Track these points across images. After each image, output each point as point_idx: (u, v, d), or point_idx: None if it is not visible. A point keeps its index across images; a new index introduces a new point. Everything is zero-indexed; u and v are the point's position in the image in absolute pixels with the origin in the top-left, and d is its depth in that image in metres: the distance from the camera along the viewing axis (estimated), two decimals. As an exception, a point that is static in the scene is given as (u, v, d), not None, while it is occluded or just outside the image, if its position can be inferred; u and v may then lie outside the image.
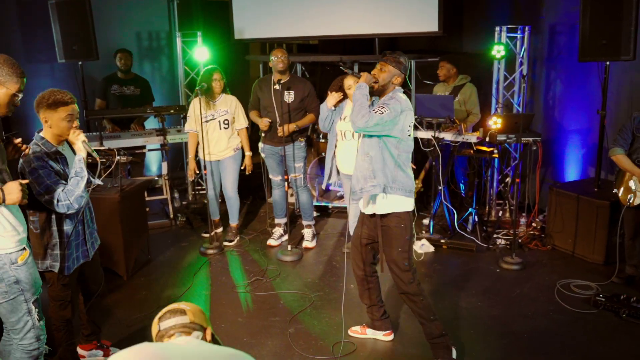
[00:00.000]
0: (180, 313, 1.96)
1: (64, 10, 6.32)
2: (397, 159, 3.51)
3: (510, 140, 5.39)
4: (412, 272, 3.64)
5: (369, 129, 3.40)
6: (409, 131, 3.54)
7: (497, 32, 6.11)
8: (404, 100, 3.52)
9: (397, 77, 3.57)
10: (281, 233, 5.83)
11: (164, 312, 1.98)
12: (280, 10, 7.05)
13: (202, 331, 1.97)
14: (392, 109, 3.40)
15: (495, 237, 5.63)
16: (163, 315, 1.96)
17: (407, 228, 3.58)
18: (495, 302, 4.50)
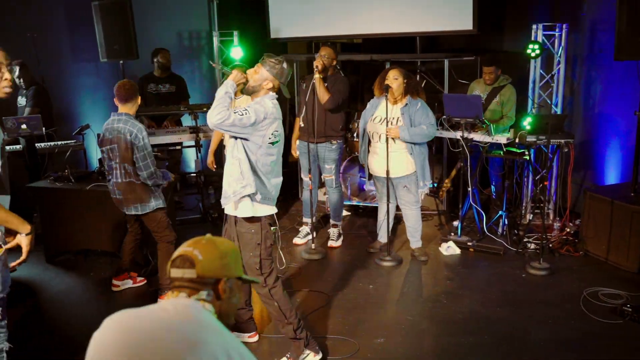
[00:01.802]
0: (189, 264, 1.75)
1: (106, 11, 6.55)
2: (254, 165, 3.41)
3: (540, 141, 5.22)
4: (266, 277, 3.56)
5: (224, 128, 3.27)
6: (271, 139, 3.40)
7: (533, 30, 5.94)
8: (272, 107, 3.40)
9: (269, 82, 3.45)
10: (307, 232, 5.85)
11: (176, 255, 1.79)
12: (316, 9, 7.07)
13: (212, 287, 1.77)
14: (253, 113, 3.30)
15: (525, 241, 5.47)
16: (174, 260, 1.78)
17: (257, 234, 3.49)
18: (516, 308, 4.37)
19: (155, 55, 6.77)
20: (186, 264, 1.75)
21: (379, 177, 5.20)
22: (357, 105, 7.58)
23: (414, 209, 5.21)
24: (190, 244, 1.80)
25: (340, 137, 5.55)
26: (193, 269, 1.74)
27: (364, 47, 8.54)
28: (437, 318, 4.25)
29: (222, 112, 3.24)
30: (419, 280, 4.92)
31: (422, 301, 4.53)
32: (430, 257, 5.35)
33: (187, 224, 6.28)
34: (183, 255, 1.76)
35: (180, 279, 1.75)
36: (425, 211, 6.43)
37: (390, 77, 4.94)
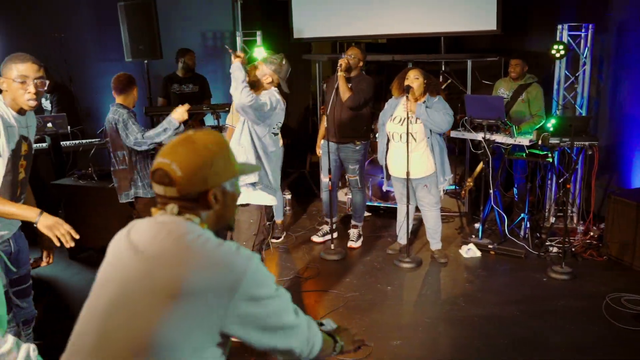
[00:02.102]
0: (167, 180, 1.54)
1: (132, 11, 6.64)
2: (259, 152, 3.69)
3: (564, 144, 5.14)
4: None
5: (251, 109, 3.58)
6: (274, 129, 3.77)
7: (558, 31, 5.85)
8: (276, 100, 3.72)
9: (268, 77, 3.76)
10: (327, 231, 5.85)
11: (155, 166, 1.57)
12: (339, 9, 7.07)
13: (198, 199, 1.57)
14: (268, 100, 3.65)
15: (547, 244, 5.39)
16: (154, 173, 1.58)
17: (255, 224, 3.67)
18: (535, 313, 4.31)
19: (182, 55, 6.81)
20: (165, 179, 1.55)
21: (399, 178, 5.18)
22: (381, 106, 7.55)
23: (434, 210, 5.17)
24: (168, 152, 1.56)
25: (365, 138, 5.53)
26: (173, 187, 1.55)
27: (388, 47, 8.53)
28: (454, 321, 4.22)
29: (250, 94, 3.55)
30: (438, 283, 4.89)
31: (440, 303, 4.49)
32: (450, 259, 5.31)
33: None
34: (161, 168, 1.55)
35: (163, 196, 1.58)
36: (447, 213, 6.38)
37: (411, 77, 4.92)
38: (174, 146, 1.57)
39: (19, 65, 2.74)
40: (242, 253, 1.51)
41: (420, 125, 4.88)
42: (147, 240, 1.55)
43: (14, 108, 2.81)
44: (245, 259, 1.50)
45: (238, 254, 1.51)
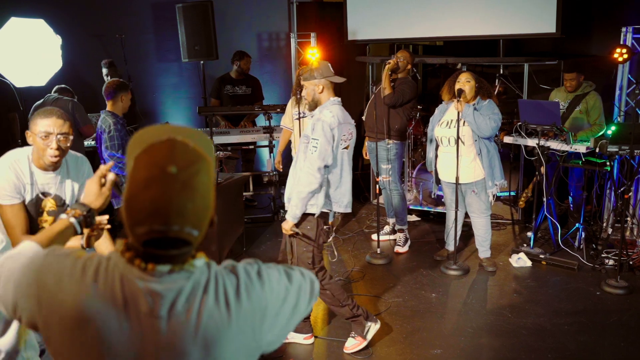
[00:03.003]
0: (182, 244, 1.25)
1: (189, 12, 6.78)
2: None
3: (623, 152, 4.91)
4: (317, 270, 3.75)
5: (318, 179, 3.59)
6: (342, 144, 3.64)
7: (622, 33, 5.60)
8: (330, 116, 3.54)
9: (319, 86, 3.61)
10: (387, 231, 5.82)
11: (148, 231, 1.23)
12: (395, 11, 6.99)
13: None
14: (322, 136, 3.50)
15: (603, 256, 5.17)
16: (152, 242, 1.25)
17: (312, 230, 3.66)
18: (586, 328, 4.14)
19: (238, 58, 6.88)
20: (176, 247, 1.25)
21: (448, 183, 5.09)
22: (432, 110, 7.45)
23: (484, 217, 5.05)
24: (172, 216, 1.21)
25: (397, 138, 5.51)
26: (188, 248, 1.27)
27: (445, 50, 8.40)
28: (499, 332, 4.10)
29: (311, 181, 3.53)
30: (484, 292, 4.77)
31: (485, 313, 4.38)
32: (498, 268, 5.17)
33: (258, 222, 6.40)
34: (164, 236, 1.23)
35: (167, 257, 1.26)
36: (498, 219, 6.22)
37: (463, 80, 4.82)
38: (173, 204, 1.21)
39: (44, 120, 2.71)
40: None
41: (469, 129, 4.78)
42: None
43: (38, 164, 2.80)
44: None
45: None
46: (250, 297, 1.33)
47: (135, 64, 7.25)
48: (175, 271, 1.27)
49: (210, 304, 1.28)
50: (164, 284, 1.25)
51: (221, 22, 6.98)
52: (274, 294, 1.38)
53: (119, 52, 7.00)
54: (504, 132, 5.64)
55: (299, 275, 1.48)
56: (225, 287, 1.31)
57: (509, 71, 7.00)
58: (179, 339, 1.26)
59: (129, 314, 1.25)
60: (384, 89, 5.33)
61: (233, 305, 1.30)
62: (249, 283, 1.35)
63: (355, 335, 3.86)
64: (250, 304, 1.33)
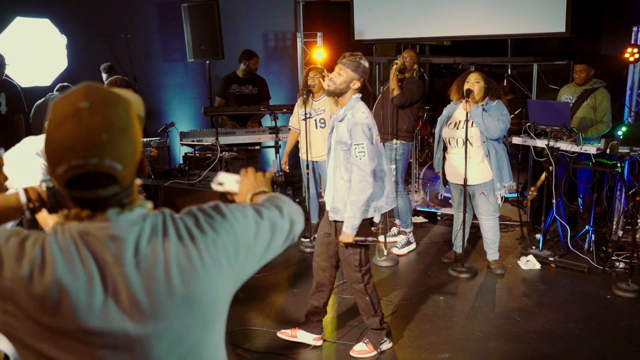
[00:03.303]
0: (105, 183, 1.20)
1: (195, 12, 6.77)
2: (375, 170, 3.60)
3: (634, 153, 4.84)
4: (363, 274, 3.69)
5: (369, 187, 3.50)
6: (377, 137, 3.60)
7: (633, 33, 5.53)
8: (364, 115, 3.47)
9: (356, 82, 3.45)
10: (394, 233, 5.77)
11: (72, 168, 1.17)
12: (402, 10, 6.94)
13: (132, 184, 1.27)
14: (364, 138, 3.42)
15: (614, 259, 5.10)
16: (72, 180, 1.19)
17: (359, 234, 3.55)
18: (597, 332, 4.08)
19: (247, 58, 6.81)
20: (100, 182, 1.19)
21: (456, 184, 5.04)
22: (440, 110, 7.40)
23: (492, 219, 4.99)
24: (88, 148, 1.15)
25: (404, 139, 5.47)
26: (115, 185, 1.21)
27: (452, 50, 8.34)
28: (508, 336, 4.04)
29: (365, 187, 3.43)
30: (493, 295, 4.70)
31: (494, 317, 4.32)
32: (507, 270, 5.10)
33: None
34: (84, 172, 1.17)
35: (93, 200, 1.21)
36: (507, 221, 6.16)
37: (472, 80, 4.76)
38: (88, 136, 1.16)
39: None
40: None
41: (477, 130, 4.72)
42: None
43: None
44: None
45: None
46: (214, 229, 1.30)
47: (140, 63, 7.22)
48: (126, 211, 1.24)
49: (174, 241, 1.24)
50: (121, 227, 1.22)
51: (227, 21, 6.95)
52: (242, 226, 1.35)
53: (124, 52, 6.97)
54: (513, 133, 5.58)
55: (276, 213, 1.45)
56: (185, 224, 1.28)
57: (517, 71, 6.94)
58: (152, 281, 1.21)
59: (98, 274, 1.19)
60: (392, 89, 5.29)
61: (199, 238, 1.27)
62: (208, 218, 1.31)
63: (368, 342, 3.79)
64: (217, 235, 1.29)
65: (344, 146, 3.50)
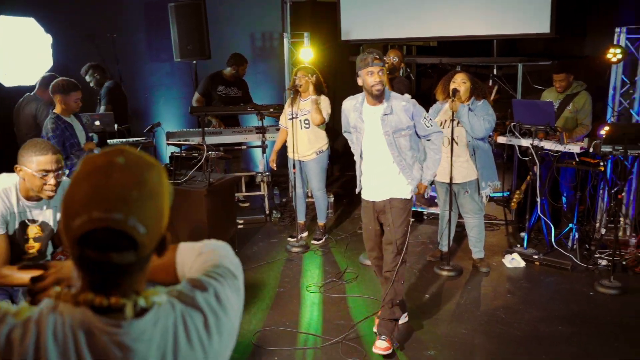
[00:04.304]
0: (125, 244, 1.09)
1: (182, 12, 6.75)
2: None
3: (617, 152, 4.90)
4: (403, 259, 3.87)
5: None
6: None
7: (616, 34, 5.59)
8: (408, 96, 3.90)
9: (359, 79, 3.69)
10: None
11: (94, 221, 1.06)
12: (389, 11, 6.99)
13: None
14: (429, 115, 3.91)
15: (596, 256, 5.16)
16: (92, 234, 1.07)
17: (410, 214, 3.95)
18: (580, 328, 4.12)
19: (238, 64, 6.76)
20: (119, 244, 1.08)
21: (441, 183, 5.07)
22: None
23: (477, 217, 5.03)
24: (113, 203, 1.07)
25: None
26: (133, 251, 1.10)
27: (438, 50, 8.38)
28: (493, 334, 4.07)
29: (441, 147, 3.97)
30: (478, 293, 4.74)
31: (479, 315, 4.35)
32: (492, 268, 5.15)
33: (250, 224, 6.35)
34: (103, 228, 1.06)
35: (111, 267, 1.09)
36: (492, 220, 6.20)
37: (458, 81, 4.80)
38: (115, 190, 1.08)
39: (40, 158, 2.70)
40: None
41: (463, 129, 4.76)
42: None
43: (26, 194, 2.83)
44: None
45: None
46: (220, 332, 1.23)
47: (127, 63, 7.19)
48: (141, 317, 1.12)
49: (184, 348, 1.17)
50: (132, 335, 1.11)
51: (214, 21, 6.95)
52: (237, 314, 1.31)
53: (110, 51, 6.93)
54: (497, 133, 5.62)
55: (240, 280, 1.40)
56: (196, 327, 1.19)
57: (503, 72, 7.00)
58: None
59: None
60: None
61: (206, 343, 1.20)
62: (215, 318, 1.23)
63: (386, 337, 3.81)
64: (221, 337, 1.23)
65: (404, 131, 3.74)
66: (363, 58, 3.66)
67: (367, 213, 4.00)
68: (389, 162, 3.79)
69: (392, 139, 3.74)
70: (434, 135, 3.85)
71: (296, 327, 4.17)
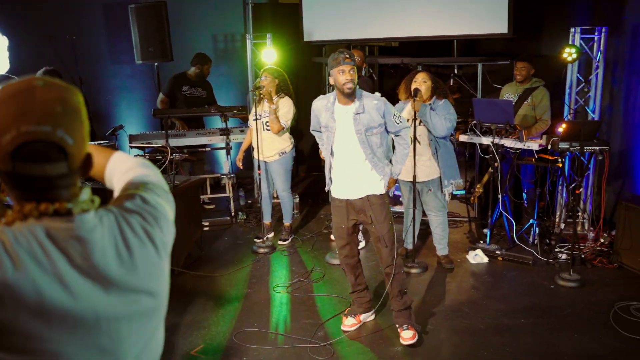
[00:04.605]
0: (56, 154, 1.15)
1: (142, 14, 6.68)
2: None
3: (574, 148, 5.04)
4: (397, 251, 3.97)
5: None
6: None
7: (571, 34, 5.76)
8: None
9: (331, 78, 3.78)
10: None
11: (21, 135, 1.11)
12: (351, 12, 7.05)
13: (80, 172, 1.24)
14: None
15: (557, 251, 5.30)
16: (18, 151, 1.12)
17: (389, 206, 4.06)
18: (542, 320, 4.23)
19: (202, 63, 6.73)
20: (49, 154, 1.13)
21: (405, 182, 5.13)
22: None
23: (440, 215, 5.11)
24: (40, 117, 1.12)
25: None
26: (63, 162, 1.16)
27: (401, 51, 8.48)
28: (458, 328, 4.15)
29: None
30: (443, 289, 4.82)
31: (444, 310, 4.43)
32: (456, 264, 5.23)
33: (216, 226, 6.32)
34: (34, 140, 1.11)
35: (46, 179, 1.14)
36: (455, 217, 6.31)
37: (419, 80, 4.87)
38: (41, 105, 1.13)
39: None
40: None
41: (425, 128, 4.84)
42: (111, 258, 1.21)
43: None
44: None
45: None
46: (160, 225, 1.31)
47: (86, 65, 7.07)
48: (85, 212, 1.19)
49: (133, 241, 1.24)
50: (85, 227, 1.17)
51: (175, 23, 6.90)
52: (168, 210, 1.37)
53: (69, 53, 6.81)
54: (459, 132, 5.73)
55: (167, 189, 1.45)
56: (137, 222, 1.27)
57: (463, 71, 7.13)
58: (123, 282, 1.21)
59: (67, 274, 1.13)
60: None
61: (152, 234, 1.27)
62: (151, 215, 1.30)
63: (407, 326, 3.93)
64: (162, 230, 1.31)
65: (375, 129, 3.80)
66: (335, 57, 3.70)
67: (338, 211, 4.03)
68: (361, 160, 3.85)
69: (364, 137, 3.79)
70: (403, 131, 3.95)
71: (264, 328, 4.18)
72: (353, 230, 4.06)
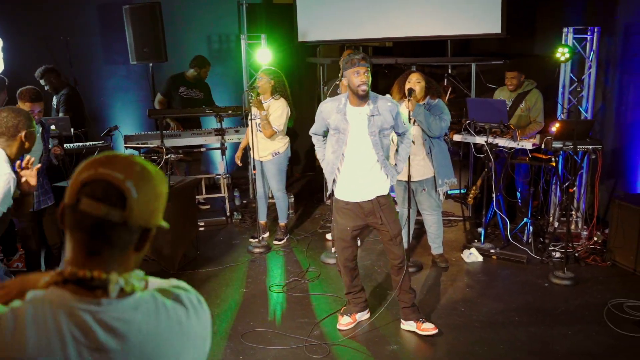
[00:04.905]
0: (115, 198, 1.18)
1: (137, 14, 6.67)
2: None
3: (567, 147, 5.08)
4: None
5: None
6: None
7: (564, 34, 5.80)
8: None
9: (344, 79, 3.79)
10: None
11: (90, 174, 1.19)
12: (345, 12, 7.05)
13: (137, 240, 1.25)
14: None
15: (550, 249, 5.33)
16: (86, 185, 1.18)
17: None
18: (536, 318, 4.26)
19: (200, 66, 6.76)
20: (111, 197, 1.16)
21: (399, 181, 5.14)
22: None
23: (435, 214, 5.14)
24: (118, 167, 1.19)
25: None
26: (121, 210, 1.17)
27: (394, 51, 8.50)
28: (453, 326, 4.17)
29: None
30: (438, 287, 4.84)
31: (439, 308, 4.45)
32: (451, 263, 5.26)
33: (212, 226, 6.33)
34: (105, 180, 1.17)
35: (94, 217, 1.16)
36: (450, 217, 6.34)
37: (413, 80, 4.89)
38: (125, 165, 1.20)
39: None
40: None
41: (419, 128, 4.86)
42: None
43: None
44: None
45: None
46: (199, 317, 1.32)
47: (81, 66, 7.07)
48: (121, 299, 1.18)
49: (166, 331, 1.24)
50: (112, 314, 1.17)
51: (170, 23, 6.90)
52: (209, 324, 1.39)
53: (64, 54, 6.81)
54: (453, 131, 5.75)
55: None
56: (177, 316, 1.27)
57: (457, 71, 7.15)
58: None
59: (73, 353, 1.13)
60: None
61: (184, 324, 1.27)
62: (195, 311, 1.32)
63: (422, 319, 4.07)
64: (199, 321, 1.31)
65: (387, 131, 3.87)
66: (350, 59, 3.71)
67: (345, 214, 4.01)
68: (373, 161, 3.86)
69: (377, 139, 3.80)
70: (407, 131, 4.05)
71: (260, 327, 4.19)
72: (358, 233, 4.10)
